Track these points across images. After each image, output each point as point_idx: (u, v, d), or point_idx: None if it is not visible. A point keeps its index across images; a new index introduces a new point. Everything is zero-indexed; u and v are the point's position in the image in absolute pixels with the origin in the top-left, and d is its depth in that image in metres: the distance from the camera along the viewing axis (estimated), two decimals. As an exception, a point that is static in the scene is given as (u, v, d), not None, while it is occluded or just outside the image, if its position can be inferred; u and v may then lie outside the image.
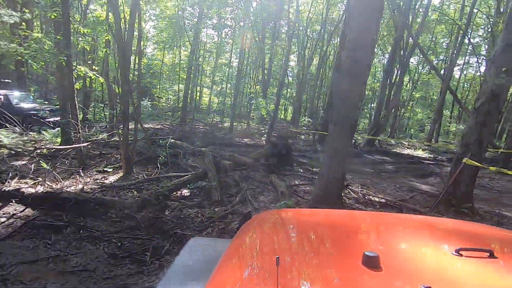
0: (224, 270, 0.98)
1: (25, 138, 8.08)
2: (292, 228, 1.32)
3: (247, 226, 1.40)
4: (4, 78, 12.82)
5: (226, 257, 1.09)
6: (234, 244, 1.21)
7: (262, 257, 1.03)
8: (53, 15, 5.30)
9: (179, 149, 7.02)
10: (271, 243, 1.14)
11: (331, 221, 1.42)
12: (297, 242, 1.17)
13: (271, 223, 1.37)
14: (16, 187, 4.31)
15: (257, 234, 1.26)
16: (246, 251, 1.13)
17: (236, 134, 14.06)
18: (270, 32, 21.89)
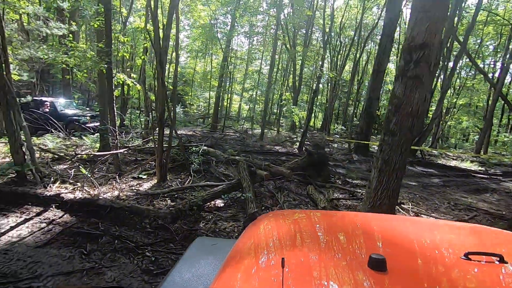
0: (229, 270, 0.97)
1: (68, 143, 8.48)
2: (298, 229, 1.29)
3: (252, 227, 1.38)
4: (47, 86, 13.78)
5: (231, 257, 1.08)
6: (239, 245, 1.19)
7: (268, 258, 1.01)
8: (96, 24, 5.48)
9: (212, 157, 6.88)
10: (277, 244, 1.13)
11: (337, 223, 1.40)
12: (302, 243, 1.14)
13: (277, 224, 1.36)
14: (57, 191, 4.38)
15: (263, 235, 1.24)
16: (251, 252, 1.10)
17: (266, 141, 13.83)
18: (301, 39, 21.65)
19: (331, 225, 1.38)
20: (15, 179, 4.70)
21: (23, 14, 11.79)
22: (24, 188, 4.38)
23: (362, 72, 24.16)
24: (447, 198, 6.60)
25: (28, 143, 4.98)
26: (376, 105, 10.94)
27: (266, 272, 0.92)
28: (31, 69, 12.56)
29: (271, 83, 14.56)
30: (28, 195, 4.25)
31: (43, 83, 14.59)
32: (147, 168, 6.18)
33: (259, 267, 0.97)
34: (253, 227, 1.38)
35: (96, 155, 5.91)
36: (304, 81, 24.52)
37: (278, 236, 1.22)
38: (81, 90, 18.18)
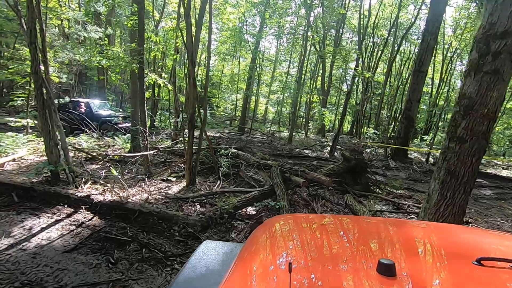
0: (236, 275, 0.96)
1: (101, 143, 8.65)
2: (305, 234, 1.28)
3: (259, 231, 1.36)
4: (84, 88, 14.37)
5: (238, 262, 1.06)
6: (246, 249, 1.17)
7: (274, 262, 1.00)
8: (129, 24, 5.45)
9: (241, 160, 6.61)
10: (284, 248, 1.12)
11: (345, 227, 1.37)
12: (310, 248, 1.12)
13: (284, 228, 1.34)
14: (87, 192, 4.31)
15: (270, 239, 1.22)
16: (258, 256, 1.08)
17: (295, 144, 13.38)
18: (331, 39, 20.96)
19: (339, 229, 1.35)
20: (49, 178, 4.72)
21: (64, 19, 12.42)
22: (57, 188, 4.36)
23: (395, 73, 22.91)
24: (506, 213, 5.78)
25: (62, 143, 5.01)
26: (417, 108, 10.11)
27: (273, 277, 0.90)
28: (70, 71, 13.20)
29: (300, 84, 14.07)
30: (60, 196, 4.22)
31: (81, 85, 15.30)
32: (176, 171, 6.03)
33: (266, 272, 0.95)
34: (260, 231, 1.35)
35: (127, 156, 5.86)
36: (332, 83, 23.70)
37: (285, 240, 1.21)
38: (115, 92, 18.90)
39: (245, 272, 0.98)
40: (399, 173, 8.93)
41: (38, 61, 4.25)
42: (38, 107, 4.47)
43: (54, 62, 10.03)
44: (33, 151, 7.18)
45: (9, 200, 4.20)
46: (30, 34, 4.11)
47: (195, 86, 4.78)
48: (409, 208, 4.88)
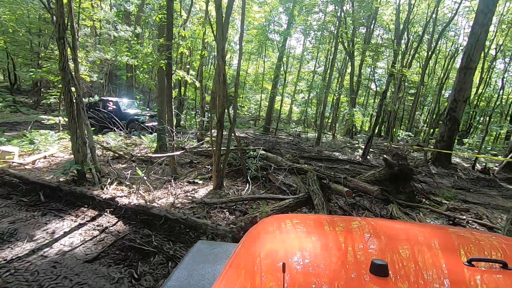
0: (230, 275, 0.96)
1: (128, 141, 8.62)
2: (299, 234, 1.28)
3: (253, 231, 1.34)
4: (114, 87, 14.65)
5: (231, 262, 1.06)
6: (240, 249, 1.16)
7: (268, 262, 1.00)
8: (158, 18, 5.24)
9: (270, 162, 6.20)
10: (278, 248, 1.11)
11: (339, 228, 1.37)
12: (303, 248, 1.11)
13: (278, 228, 1.33)
14: (112, 194, 4.11)
15: (263, 239, 1.20)
16: (252, 257, 1.08)
17: (323, 146, 12.76)
18: (361, 37, 20.01)
19: (333, 229, 1.35)
20: (76, 178, 4.60)
21: (96, 20, 12.71)
22: (82, 188, 4.20)
23: (429, 72, 21.43)
24: None
25: (90, 141, 4.89)
26: (463, 109, 9.14)
27: (267, 277, 0.89)
28: (101, 71, 13.50)
29: (330, 84, 13.41)
30: (85, 197, 4.05)
31: (111, 84, 15.66)
32: (203, 172, 5.74)
33: (260, 272, 0.94)
34: (254, 231, 1.33)
35: (153, 157, 5.66)
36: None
37: (280, 240, 1.20)
38: (142, 91, 19.27)
39: (239, 272, 0.98)
40: (442, 180, 8.08)
41: (66, 57, 4.11)
42: (65, 104, 4.35)
43: (86, 62, 10.23)
44: (63, 149, 7.24)
45: (36, 199, 4.09)
46: (59, 29, 3.97)
47: (225, 83, 4.44)
48: (469, 224, 4.22)
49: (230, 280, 0.93)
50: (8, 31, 16.53)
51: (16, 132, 9.37)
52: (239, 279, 0.94)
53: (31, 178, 4.47)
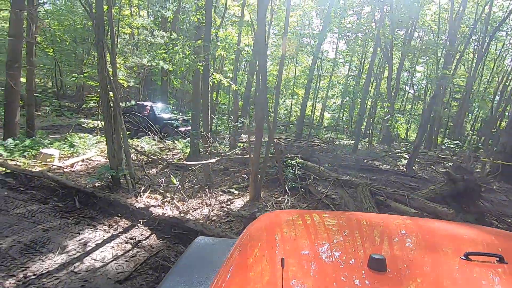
0: (229, 270, 0.96)
1: (161, 146, 8.58)
2: (298, 229, 1.29)
3: (252, 227, 1.33)
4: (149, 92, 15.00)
5: (231, 257, 1.06)
6: (239, 245, 1.16)
7: (267, 258, 1.00)
8: (196, 18, 5.05)
9: (310, 172, 5.71)
10: (277, 244, 1.13)
11: (337, 223, 1.38)
12: (302, 243, 1.13)
13: (277, 224, 1.34)
14: (146, 203, 3.88)
15: (262, 235, 1.22)
16: (251, 252, 1.07)
17: (360, 154, 11.95)
18: (399, 39, 18.83)
19: (331, 225, 1.35)
20: (110, 184, 4.47)
21: (134, 27, 13.15)
22: (116, 195, 4.03)
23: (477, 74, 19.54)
24: None
25: (125, 146, 4.76)
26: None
27: (266, 272, 0.90)
28: (137, 76, 13.90)
29: (367, 88, 12.60)
30: (119, 205, 3.86)
31: (146, 89, 16.10)
32: (238, 181, 5.40)
33: (259, 267, 0.95)
34: (253, 227, 1.32)
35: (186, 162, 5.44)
36: (400, 87, 21.25)
37: (278, 236, 1.21)
38: (175, 97, 19.65)
39: (238, 268, 0.97)
40: (508, 198, 7.01)
41: (105, 60, 4.00)
42: (102, 108, 4.25)
43: (124, 67, 10.50)
44: (100, 152, 7.31)
45: (71, 205, 3.99)
46: (98, 31, 3.87)
47: (265, 85, 4.08)
48: None
49: (229, 276, 0.92)
50: (56, 41, 17.76)
51: (59, 134, 9.79)
52: (238, 274, 0.93)
53: (68, 183, 4.41)
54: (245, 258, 1.04)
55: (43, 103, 15.75)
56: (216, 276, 0.95)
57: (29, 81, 8.20)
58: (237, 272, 0.95)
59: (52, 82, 22.38)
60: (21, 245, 2.90)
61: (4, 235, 3.07)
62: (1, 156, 5.79)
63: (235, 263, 1.01)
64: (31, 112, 8.20)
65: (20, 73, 7.27)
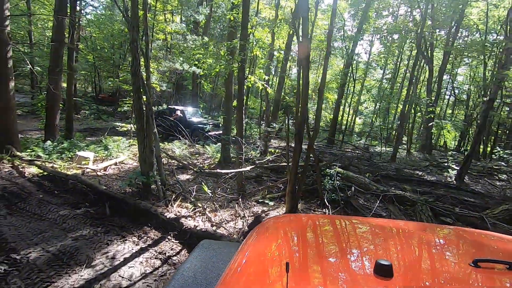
0: (233, 274, 0.95)
1: (191, 150, 8.46)
2: (303, 234, 1.27)
3: (257, 230, 1.33)
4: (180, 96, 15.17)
5: (235, 261, 1.04)
6: (244, 248, 1.15)
7: (272, 262, 0.99)
8: (232, 16, 4.81)
9: (352, 182, 5.19)
10: (282, 248, 1.12)
11: (343, 228, 1.36)
12: (307, 248, 1.12)
13: (282, 228, 1.33)
14: (177, 213, 3.64)
15: (268, 239, 1.21)
16: (255, 256, 1.06)
17: (399, 163, 11.04)
18: (441, 40, 17.46)
19: (337, 230, 1.33)
20: (140, 190, 4.30)
21: (168, 33, 13.40)
22: (147, 203, 3.83)
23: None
24: None
25: (156, 151, 4.59)
26: None
27: (271, 276, 0.88)
28: (169, 81, 14.15)
29: (415, 91, 11.66)
30: (149, 213, 3.65)
31: (177, 94, 16.37)
32: (273, 191, 5.02)
33: (263, 271, 0.94)
34: (258, 231, 1.31)
35: (220, 171, 5.17)
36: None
37: (283, 240, 1.20)
38: (205, 101, 19.82)
39: (242, 271, 0.96)
40: None
41: (139, 61, 3.85)
42: (135, 112, 4.11)
43: (157, 72, 10.65)
44: (132, 156, 7.32)
45: (101, 211, 3.86)
46: (133, 31, 3.73)
47: (307, 88, 3.68)
48: None
49: (233, 279, 0.91)
50: (96, 48, 18.74)
51: (95, 137, 10.08)
52: (242, 278, 0.92)
53: (99, 188, 4.31)
54: (249, 261, 1.02)
55: (83, 107, 16.58)
56: (221, 279, 0.94)
57: (69, 86, 8.50)
58: (242, 276, 0.94)
59: (91, 87, 23.70)
60: (49, 255, 2.75)
61: (34, 243, 2.95)
62: (40, 158, 5.93)
63: (239, 266, 1.00)
64: (70, 115, 8.48)
65: (61, 78, 7.52)
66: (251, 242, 1.19)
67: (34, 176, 5.08)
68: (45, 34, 18.62)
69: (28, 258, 2.65)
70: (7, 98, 5.74)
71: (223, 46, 4.54)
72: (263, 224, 1.40)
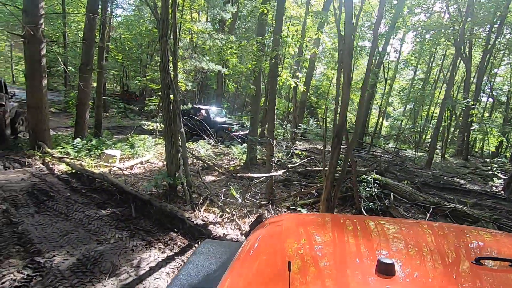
0: (235, 274, 0.95)
1: (216, 150, 8.29)
2: (305, 233, 1.26)
3: (259, 230, 1.32)
4: (204, 96, 15.14)
5: (237, 260, 1.04)
6: (246, 248, 1.14)
7: (274, 261, 0.99)
8: (265, 9, 4.53)
9: (392, 190, 4.73)
10: (283, 247, 1.11)
11: (345, 226, 1.35)
12: (309, 247, 1.11)
13: (284, 227, 1.32)
14: (204, 219, 3.41)
15: (269, 238, 1.20)
16: (257, 255, 1.06)
17: (435, 169, 10.25)
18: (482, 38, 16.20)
19: (339, 228, 1.32)
20: (167, 191, 4.13)
21: (194, 33, 13.42)
22: (173, 207, 3.63)
23: None
24: None
25: (183, 151, 4.41)
26: None
27: (273, 276, 0.87)
28: (194, 80, 14.18)
29: (449, 93, 10.81)
30: (175, 218, 3.45)
31: (201, 93, 16.40)
32: (304, 197, 4.68)
33: (265, 271, 0.93)
34: (259, 230, 1.30)
35: (243, 170, 4.90)
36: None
37: (285, 239, 1.18)
38: (228, 101, 19.77)
39: (244, 271, 0.95)
40: None
41: (168, 56, 3.67)
42: (163, 110, 3.94)
43: (183, 71, 10.63)
44: (158, 155, 7.26)
45: (127, 213, 3.71)
46: (162, 25, 3.55)
47: (349, 86, 3.32)
48: None
49: (235, 279, 0.91)
50: (125, 49, 19.26)
51: (122, 135, 10.22)
52: (244, 277, 0.91)
53: (125, 188, 4.19)
54: (251, 261, 1.01)
55: (111, 106, 17.06)
56: (222, 279, 0.92)
57: (99, 84, 8.63)
58: (244, 275, 0.93)
59: (120, 86, 24.48)
60: (73, 259, 2.60)
61: (59, 245, 2.83)
62: (69, 155, 5.98)
63: (241, 265, 0.99)
64: (99, 113, 8.62)
65: (91, 76, 7.63)
66: (252, 242, 1.18)
67: (63, 173, 5.09)
68: (79, 35, 19.43)
69: (52, 262, 2.52)
70: (40, 96, 5.83)
71: (255, 41, 4.28)
72: (265, 224, 1.38)
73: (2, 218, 3.20)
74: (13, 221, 3.19)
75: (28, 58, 5.65)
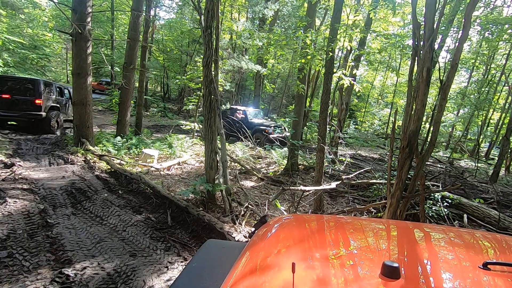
0: (238, 274, 0.93)
1: (253, 153, 7.91)
2: (309, 234, 1.23)
3: (262, 231, 1.29)
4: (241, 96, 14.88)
5: (241, 261, 1.03)
6: (249, 248, 1.13)
7: (278, 262, 0.96)
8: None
9: (466, 210, 3.94)
10: (287, 248, 1.09)
11: (350, 229, 1.31)
12: (314, 248, 1.08)
13: (288, 228, 1.30)
14: (246, 234, 3.00)
15: (273, 239, 1.18)
16: (261, 256, 1.03)
17: (504, 184, 8.86)
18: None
19: (344, 230, 1.28)
20: (205, 199, 3.79)
21: (234, 32, 13.26)
22: (211, 217, 3.27)
23: None
24: None
25: (222, 155, 4.06)
26: None
27: (276, 277, 0.85)
28: (232, 81, 14.02)
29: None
30: (214, 230, 3.08)
31: (239, 94, 16.22)
32: (358, 213, 4.07)
33: (269, 272, 0.90)
34: (263, 231, 1.28)
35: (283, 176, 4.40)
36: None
37: (289, 240, 1.16)
38: (265, 102, 19.41)
39: (247, 271, 0.93)
40: None
41: (212, 51, 3.33)
42: (204, 110, 3.61)
43: (221, 71, 10.45)
44: (195, 155, 7.07)
45: (163, 220, 3.44)
46: (207, 16, 3.22)
47: (428, 84, 2.71)
48: None
49: (238, 279, 0.88)
50: (166, 50, 19.82)
51: (161, 134, 10.31)
52: (247, 278, 0.89)
53: (162, 191, 3.93)
54: (255, 261, 0.99)
55: (152, 105, 17.61)
56: (226, 279, 0.92)
57: (141, 83, 8.72)
58: (247, 276, 0.91)
59: (160, 86, 25.39)
60: (104, 273, 2.33)
61: (91, 254, 2.59)
62: (110, 153, 5.98)
63: (244, 266, 0.98)
64: (140, 112, 8.70)
65: (134, 74, 7.68)
66: (256, 242, 1.16)
67: (102, 172, 5.02)
68: (124, 38, 20.43)
69: (82, 276, 2.26)
70: (85, 93, 5.90)
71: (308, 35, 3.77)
72: (269, 224, 1.36)
73: (39, 219, 3.07)
74: (49, 222, 3.05)
75: (75, 56, 5.74)
